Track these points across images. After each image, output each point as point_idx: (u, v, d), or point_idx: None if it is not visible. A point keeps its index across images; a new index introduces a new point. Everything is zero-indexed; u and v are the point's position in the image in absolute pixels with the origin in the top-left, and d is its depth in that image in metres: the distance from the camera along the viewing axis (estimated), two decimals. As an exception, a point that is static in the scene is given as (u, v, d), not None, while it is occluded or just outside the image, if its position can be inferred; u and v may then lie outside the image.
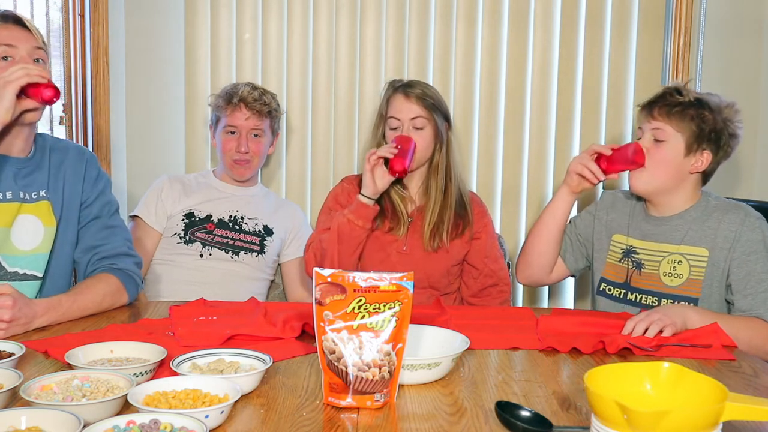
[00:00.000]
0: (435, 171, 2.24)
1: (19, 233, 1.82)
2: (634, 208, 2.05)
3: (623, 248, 2.02)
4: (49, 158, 1.90)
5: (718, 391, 1.00)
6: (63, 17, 2.67)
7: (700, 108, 1.90)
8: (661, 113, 1.92)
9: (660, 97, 1.95)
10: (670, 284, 1.92)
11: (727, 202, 1.96)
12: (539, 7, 2.70)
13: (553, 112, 2.74)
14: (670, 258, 1.93)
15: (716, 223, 1.90)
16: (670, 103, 1.92)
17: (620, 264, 2.02)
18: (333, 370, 1.24)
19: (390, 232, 2.22)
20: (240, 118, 2.37)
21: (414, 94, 2.18)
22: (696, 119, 1.90)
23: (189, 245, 2.35)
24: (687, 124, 1.90)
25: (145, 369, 1.32)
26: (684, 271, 1.91)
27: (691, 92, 1.94)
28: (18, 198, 1.82)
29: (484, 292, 2.30)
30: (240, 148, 2.37)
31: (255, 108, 2.37)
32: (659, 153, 1.91)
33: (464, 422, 1.19)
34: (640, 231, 2.00)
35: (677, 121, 1.90)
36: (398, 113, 2.19)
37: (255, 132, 2.40)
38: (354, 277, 1.25)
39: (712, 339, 1.62)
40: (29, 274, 1.84)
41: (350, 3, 2.69)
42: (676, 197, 1.96)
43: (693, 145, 1.90)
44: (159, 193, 2.41)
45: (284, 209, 2.51)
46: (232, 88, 2.41)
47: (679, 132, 1.90)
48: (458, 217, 2.25)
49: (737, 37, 2.71)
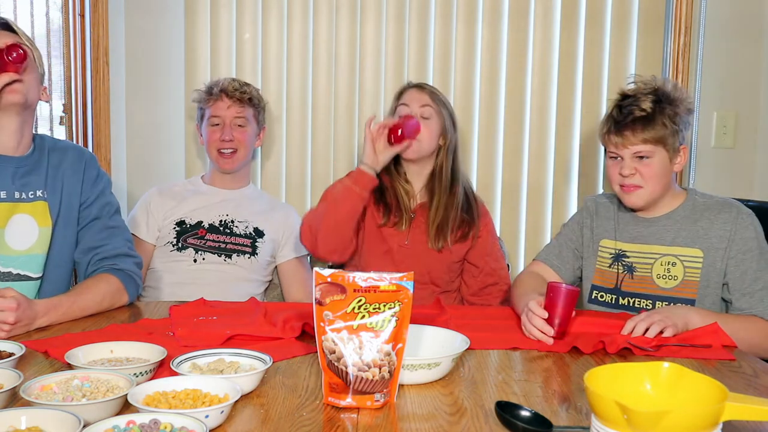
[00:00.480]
0: (440, 171, 2.27)
1: (13, 233, 1.82)
2: (618, 212, 2.02)
3: (612, 253, 1.99)
4: (47, 159, 1.89)
5: (718, 391, 1.00)
6: (63, 17, 2.67)
7: (663, 109, 1.87)
8: (636, 134, 1.86)
9: (626, 120, 1.87)
10: (664, 286, 1.91)
11: (715, 200, 1.94)
12: (539, 6, 2.70)
13: (553, 112, 2.74)
14: (663, 260, 1.92)
15: (708, 223, 1.89)
16: (639, 122, 1.86)
17: (610, 269, 1.99)
18: (333, 370, 1.24)
19: (394, 226, 2.24)
20: (222, 107, 2.41)
21: (425, 88, 2.28)
22: (666, 123, 1.87)
23: (182, 252, 2.36)
24: (662, 133, 1.86)
25: (145, 369, 1.32)
26: (678, 272, 1.90)
27: (645, 97, 1.89)
28: (12, 198, 1.82)
29: (484, 290, 2.30)
30: (224, 137, 2.39)
31: (236, 96, 2.41)
32: (650, 170, 1.88)
33: (464, 422, 1.19)
34: (629, 234, 1.98)
35: (653, 137, 1.86)
36: (409, 101, 2.25)
37: (238, 121, 2.43)
38: (354, 277, 1.25)
39: (712, 339, 1.62)
40: (23, 275, 1.84)
41: (350, 3, 2.69)
42: (663, 198, 1.95)
43: (674, 146, 1.89)
44: (148, 207, 2.43)
45: (277, 211, 2.51)
46: (213, 82, 2.47)
47: (659, 145, 1.87)
48: (463, 220, 2.26)
49: (737, 37, 2.71)
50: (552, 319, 1.63)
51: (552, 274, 2.04)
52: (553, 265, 2.06)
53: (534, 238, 2.76)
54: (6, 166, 1.82)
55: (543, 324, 1.63)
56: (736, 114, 2.75)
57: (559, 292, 1.64)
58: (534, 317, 1.65)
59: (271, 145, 2.75)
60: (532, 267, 2.10)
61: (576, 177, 2.75)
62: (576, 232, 2.09)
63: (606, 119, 1.95)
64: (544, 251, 2.12)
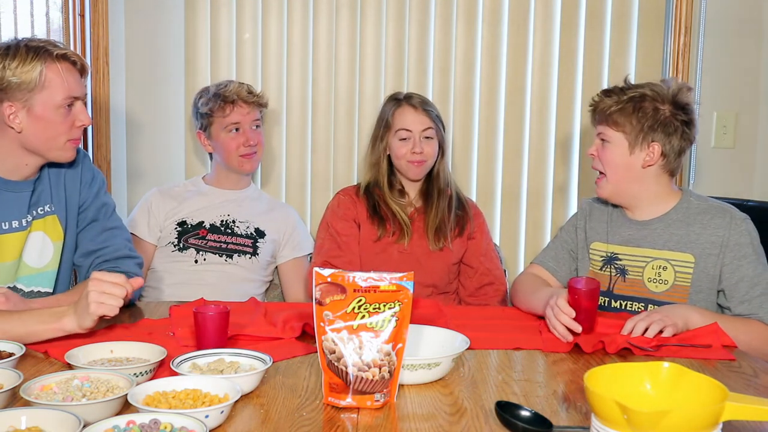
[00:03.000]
0: (437, 176, 2.32)
1: (30, 251, 1.82)
2: (611, 215, 2.02)
3: (603, 255, 1.98)
4: (47, 168, 1.87)
5: (718, 391, 1.00)
6: (63, 17, 2.67)
7: (639, 102, 1.88)
8: (601, 117, 1.92)
9: (597, 102, 1.94)
10: (655, 290, 1.89)
11: (709, 204, 1.92)
12: (539, 7, 2.70)
13: (553, 112, 2.73)
14: (654, 263, 1.90)
15: (701, 228, 1.87)
16: (605, 106, 1.91)
17: (602, 272, 1.98)
18: (333, 370, 1.24)
19: (394, 236, 2.26)
20: (241, 113, 2.42)
21: (420, 106, 2.28)
22: (634, 114, 1.87)
23: (183, 252, 2.37)
24: (625, 122, 1.88)
25: (145, 369, 1.32)
26: (669, 277, 1.88)
27: (630, 88, 1.91)
28: (28, 225, 1.81)
29: (480, 291, 2.31)
30: (249, 142, 2.42)
31: (251, 101, 2.45)
32: (605, 155, 1.92)
33: (464, 422, 1.19)
34: (621, 236, 1.97)
35: (614, 122, 1.89)
36: (410, 125, 2.26)
37: (256, 124, 2.47)
38: (354, 277, 1.25)
39: (712, 339, 1.62)
40: (43, 292, 1.84)
41: (350, 3, 2.69)
42: (644, 197, 1.93)
43: (637, 140, 1.88)
44: (149, 207, 2.44)
45: (277, 211, 2.51)
46: (222, 89, 2.43)
47: (619, 132, 1.89)
48: (458, 217, 2.31)
49: (737, 37, 2.71)
50: (579, 315, 1.63)
51: (548, 277, 2.04)
52: (549, 267, 2.06)
53: (533, 241, 2.75)
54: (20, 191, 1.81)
55: (570, 321, 1.63)
56: (736, 114, 2.75)
57: (581, 290, 1.65)
58: (561, 314, 1.64)
59: (271, 145, 2.75)
60: (529, 269, 2.10)
61: (576, 179, 2.75)
62: (571, 234, 2.08)
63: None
64: (541, 254, 2.12)
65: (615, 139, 1.90)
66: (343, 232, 2.27)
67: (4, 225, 1.76)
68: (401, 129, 2.26)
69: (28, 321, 1.50)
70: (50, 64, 1.72)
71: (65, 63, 1.75)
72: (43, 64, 1.71)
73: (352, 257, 2.24)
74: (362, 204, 2.29)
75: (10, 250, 1.77)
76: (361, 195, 2.31)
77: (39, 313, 1.53)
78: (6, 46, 1.73)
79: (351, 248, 2.25)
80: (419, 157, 2.24)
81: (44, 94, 1.72)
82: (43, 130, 1.74)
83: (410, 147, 2.24)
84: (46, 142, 1.76)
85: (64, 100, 1.74)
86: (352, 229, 2.28)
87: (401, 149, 2.26)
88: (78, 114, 1.78)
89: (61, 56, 1.74)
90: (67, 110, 1.76)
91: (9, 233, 1.77)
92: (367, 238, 2.27)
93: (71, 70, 1.76)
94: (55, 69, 1.72)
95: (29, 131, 1.74)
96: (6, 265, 1.77)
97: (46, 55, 1.72)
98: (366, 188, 2.32)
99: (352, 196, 2.32)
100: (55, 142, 1.77)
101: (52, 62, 1.72)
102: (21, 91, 1.71)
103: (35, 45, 1.73)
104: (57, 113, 1.74)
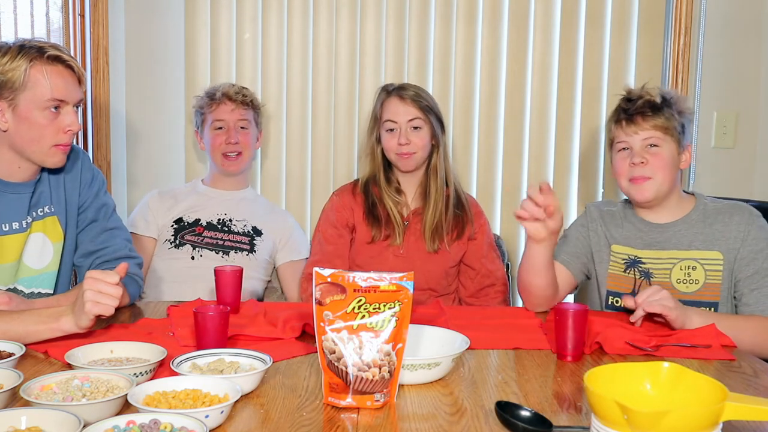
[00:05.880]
0: (434, 174, 2.27)
1: (30, 252, 1.82)
2: (624, 219, 2.02)
3: (625, 258, 1.98)
4: (48, 169, 1.86)
5: (718, 391, 1.00)
6: (63, 17, 2.67)
7: (670, 106, 1.92)
8: (646, 120, 1.91)
9: (636, 107, 1.93)
10: (685, 291, 1.90)
11: (723, 203, 1.96)
12: (539, 7, 2.70)
13: (553, 112, 2.73)
14: (683, 264, 1.91)
15: (722, 226, 1.90)
16: (649, 108, 1.91)
17: (626, 274, 1.98)
18: (333, 370, 1.24)
19: (386, 240, 2.23)
20: (226, 111, 2.44)
21: (408, 96, 2.23)
22: (673, 118, 1.91)
23: (180, 249, 2.37)
24: (670, 125, 1.91)
25: (145, 369, 1.32)
26: (700, 276, 1.90)
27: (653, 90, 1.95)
28: (28, 226, 1.81)
29: (481, 292, 2.30)
30: (230, 140, 2.42)
31: (238, 99, 2.45)
32: (660, 159, 1.90)
33: (464, 422, 1.19)
34: (642, 240, 1.97)
35: (663, 124, 1.90)
36: (395, 116, 2.23)
37: (241, 124, 2.46)
38: (354, 277, 1.25)
39: (711, 339, 1.62)
40: (44, 293, 1.84)
41: (350, 3, 2.69)
42: (672, 197, 1.95)
43: (680, 141, 1.92)
44: (149, 206, 2.46)
45: (274, 215, 2.52)
46: (212, 87, 2.50)
47: (667, 134, 1.91)
48: (457, 218, 2.27)
49: (737, 37, 2.71)
50: (564, 341, 1.55)
51: (562, 269, 2.00)
52: (563, 260, 2.01)
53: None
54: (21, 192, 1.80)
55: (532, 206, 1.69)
56: (736, 114, 2.75)
57: (567, 314, 1.53)
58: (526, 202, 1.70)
59: (271, 146, 2.75)
60: None
61: (576, 178, 2.75)
62: (582, 234, 2.06)
63: (615, 111, 1.98)
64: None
65: (665, 143, 1.91)
66: (331, 240, 2.26)
67: (4, 226, 1.76)
68: (388, 120, 2.24)
69: (27, 321, 1.50)
70: (37, 64, 1.68)
71: (57, 65, 1.71)
72: (29, 63, 1.67)
73: (341, 266, 2.21)
74: (359, 203, 2.28)
75: (10, 251, 1.77)
76: (359, 192, 2.30)
77: (38, 313, 1.53)
78: (4, 44, 1.72)
79: (340, 255, 2.24)
80: (406, 148, 2.21)
81: (28, 94, 1.69)
82: (27, 131, 1.71)
83: (397, 138, 2.22)
84: (31, 144, 1.72)
85: (49, 102, 1.70)
86: (342, 238, 2.27)
87: (390, 141, 2.23)
88: (65, 118, 1.73)
89: (53, 58, 1.70)
90: (54, 113, 1.71)
91: (9, 235, 1.77)
92: (362, 240, 2.26)
93: (62, 73, 1.72)
94: (41, 69, 1.68)
95: (14, 131, 1.71)
96: (6, 267, 1.77)
97: (36, 55, 1.68)
98: (365, 185, 2.30)
99: (348, 195, 2.30)
100: (39, 145, 1.72)
101: (40, 62, 1.68)
102: (7, 89, 1.68)
103: (30, 45, 1.70)
104: (42, 115, 1.70)
